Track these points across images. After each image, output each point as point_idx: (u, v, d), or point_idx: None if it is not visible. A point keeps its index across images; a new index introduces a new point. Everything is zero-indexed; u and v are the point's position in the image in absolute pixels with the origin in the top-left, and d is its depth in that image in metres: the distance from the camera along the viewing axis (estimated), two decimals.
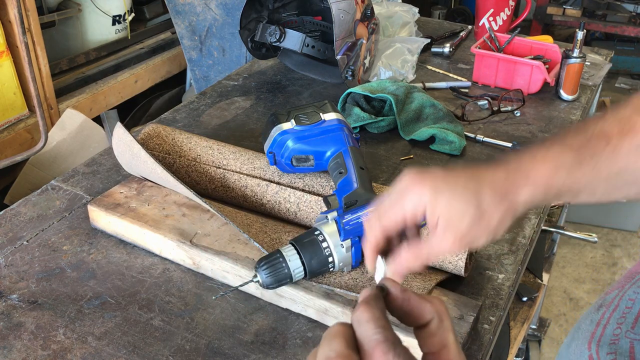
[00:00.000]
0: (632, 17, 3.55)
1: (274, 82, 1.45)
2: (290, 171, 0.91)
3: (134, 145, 0.90)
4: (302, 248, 0.76)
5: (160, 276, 0.86)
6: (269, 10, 1.42)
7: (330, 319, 0.78)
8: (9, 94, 1.84)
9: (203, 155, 0.97)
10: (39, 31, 1.90)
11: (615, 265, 2.67)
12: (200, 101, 1.35)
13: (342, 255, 0.77)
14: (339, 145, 0.88)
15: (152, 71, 2.39)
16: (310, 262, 0.76)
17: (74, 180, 1.06)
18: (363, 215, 0.77)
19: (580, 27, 1.35)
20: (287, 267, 0.75)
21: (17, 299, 0.81)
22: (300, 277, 0.77)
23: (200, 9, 2.19)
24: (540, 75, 1.39)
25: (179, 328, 0.78)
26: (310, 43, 1.34)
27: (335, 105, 0.95)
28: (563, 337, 2.30)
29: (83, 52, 2.23)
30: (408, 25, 1.62)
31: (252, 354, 0.75)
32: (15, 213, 0.98)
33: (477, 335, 0.78)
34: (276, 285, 0.76)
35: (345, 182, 0.83)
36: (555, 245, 2.09)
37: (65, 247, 0.90)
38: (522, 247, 0.94)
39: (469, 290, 0.85)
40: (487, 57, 1.43)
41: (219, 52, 2.25)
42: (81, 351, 0.74)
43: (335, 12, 1.24)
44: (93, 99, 2.14)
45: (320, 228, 0.78)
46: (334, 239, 0.77)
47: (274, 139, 0.90)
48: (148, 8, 2.53)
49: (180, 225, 0.88)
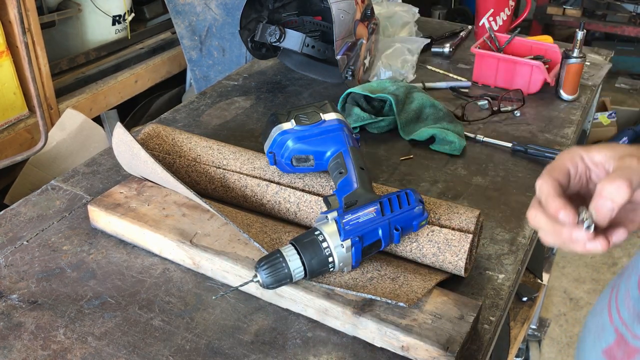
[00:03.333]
0: (632, 17, 3.55)
1: (274, 82, 1.45)
2: (290, 171, 0.91)
3: (134, 145, 0.90)
4: (302, 248, 0.76)
5: (160, 276, 0.86)
6: (269, 10, 1.42)
7: (330, 319, 0.78)
8: (9, 94, 1.84)
9: (203, 155, 0.97)
10: (38, 31, 1.90)
11: (616, 265, 2.67)
12: (200, 101, 1.35)
13: (342, 255, 0.77)
14: (339, 145, 0.88)
15: (152, 71, 2.39)
16: (311, 262, 0.76)
17: (74, 180, 1.06)
18: (363, 215, 0.77)
19: (580, 27, 1.35)
20: (287, 267, 0.75)
21: (17, 299, 0.81)
22: (301, 277, 0.77)
23: (200, 9, 2.19)
24: (540, 76, 1.39)
25: (179, 328, 0.78)
26: (310, 43, 1.34)
27: (335, 105, 0.95)
28: (563, 337, 2.30)
29: (83, 52, 2.23)
30: (408, 25, 1.62)
31: (252, 354, 0.75)
32: (15, 213, 0.98)
33: (477, 335, 0.78)
34: (276, 285, 0.76)
35: (345, 182, 0.83)
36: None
37: (65, 247, 0.90)
38: (522, 247, 0.94)
39: (469, 290, 0.85)
40: (487, 57, 1.43)
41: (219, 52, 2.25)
42: (81, 351, 0.74)
43: (335, 12, 1.24)
44: (93, 99, 2.14)
45: (320, 228, 0.78)
46: (334, 239, 0.76)
47: (274, 139, 0.90)
48: (148, 8, 2.53)
49: (180, 225, 0.88)
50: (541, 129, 1.28)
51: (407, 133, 1.21)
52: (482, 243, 0.94)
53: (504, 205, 1.03)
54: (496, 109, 1.32)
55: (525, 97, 1.37)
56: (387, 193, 0.82)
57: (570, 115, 1.34)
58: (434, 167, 1.13)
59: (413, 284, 0.79)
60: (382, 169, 1.12)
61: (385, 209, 0.78)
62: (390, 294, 0.76)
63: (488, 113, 1.32)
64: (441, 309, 0.76)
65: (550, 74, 1.40)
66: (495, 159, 1.17)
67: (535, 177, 1.13)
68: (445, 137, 1.16)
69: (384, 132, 1.23)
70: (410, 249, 0.84)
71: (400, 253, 0.85)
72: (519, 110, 1.34)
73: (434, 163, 1.14)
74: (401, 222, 0.79)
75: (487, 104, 1.34)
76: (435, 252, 0.82)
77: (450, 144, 1.16)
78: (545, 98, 1.41)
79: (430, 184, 1.08)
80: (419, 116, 1.24)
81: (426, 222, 0.81)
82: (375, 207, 0.78)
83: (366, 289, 0.77)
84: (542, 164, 1.16)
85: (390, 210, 0.78)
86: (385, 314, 0.75)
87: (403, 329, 0.73)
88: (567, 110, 1.37)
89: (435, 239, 0.82)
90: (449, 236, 0.82)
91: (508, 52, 1.48)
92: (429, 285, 0.78)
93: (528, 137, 1.25)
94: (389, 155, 1.16)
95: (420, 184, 1.08)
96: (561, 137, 1.26)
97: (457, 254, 0.81)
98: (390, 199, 0.79)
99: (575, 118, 1.34)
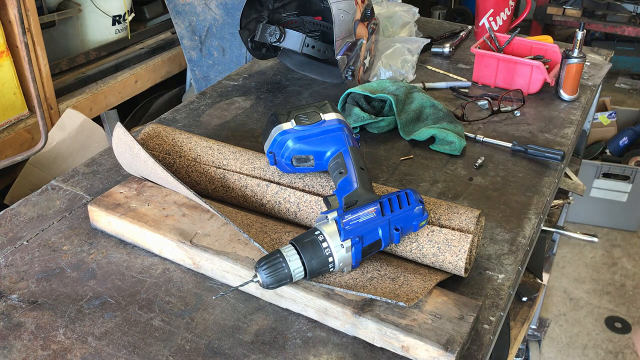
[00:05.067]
0: (632, 17, 3.55)
1: (274, 82, 1.45)
2: (290, 171, 0.91)
3: (134, 146, 0.90)
4: (302, 248, 0.76)
5: (160, 276, 0.86)
6: (269, 10, 1.42)
7: (330, 319, 0.78)
8: (9, 94, 1.84)
9: (203, 155, 0.97)
10: (39, 31, 1.90)
11: (615, 265, 2.67)
12: (200, 101, 1.35)
13: (342, 255, 0.77)
14: (339, 146, 0.88)
15: (152, 71, 2.39)
16: (311, 262, 0.76)
17: (74, 181, 1.06)
18: (363, 215, 0.77)
19: (580, 27, 1.35)
20: (287, 267, 0.75)
21: (17, 299, 0.81)
22: (301, 277, 0.77)
23: (200, 9, 2.19)
24: (540, 76, 1.39)
25: (179, 328, 0.78)
26: (310, 43, 1.34)
27: (336, 106, 0.95)
28: (563, 337, 2.30)
29: (83, 52, 2.23)
30: (408, 25, 1.62)
31: (252, 354, 0.75)
32: (15, 213, 0.98)
33: (477, 336, 0.78)
34: (276, 285, 0.76)
35: (346, 182, 0.83)
36: (555, 245, 2.09)
37: (65, 247, 0.91)
38: (522, 247, 0.94)
39: (469, 291, 0.85)
40: (487, 57, 1.43)
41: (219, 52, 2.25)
42: (81, 351, 0.74)
43: (335, 12, 1.24)
44: (93, 99, 2.14)
45: (320, 228, 0.78)
46: (334, 239, 0.76)
47: (274, 139, 0.90)
48: (148, 8, 2.54)
49: (180, 225, 0.88)
50: (541, 129, 1.28)
51: (407, 133, 1.21)
52: (482, 243, 0.94)
53: (504, 205, 1.03)
54: (496, 109, 1.32)
55: (525, 97, 1.37)
56: (387, 193, 0.82)
57: (570, 115, 1.34)
58: (433, 167, 1.13)
59: (413, 283, 0.79)
60: (382, 168, 1.12)
61: (385, 209, 0.78)
62: (390, 293, 0.76)
63: (488, 113, 1.32)
64: (441, 309, 0.76)
65: (550, 74, 1.40)
66: (495, 159, 1.17)
67: (535, 177, 1.13)
68: (445, 138, 1.16)
69: (384, 132, 1.23)
70: (410, 249, 0.84)
71: (400, 253, 0.85)
72: (519, 110, 1.34)
73: (434, 163, 1.14)
74: (401, 222, 0.79)
75: (487, 104, 1.34)
76: (435, 252, 0.82)
77: (450, 144, 1.16)
78: (545, 98, 1.41)
79: (430, 183, 1.08)
80: (419, 116, 1.24)
81: (426, 222, 0.81)
82: (376, 207, 0.78)
83: (366, 289, 0.77)
84: (541, 164, 1.16)
85: (390, 210, 0.78)
86: (385, 314, 0.75)
87: (403, 329, 0.73)
88: (567, 110, 1.37)
89: (435, 239, 0.82)
90: (449, 236, 0.82)
91: (508, 52, 1.48)
92: (429, 285, 0.78)
93: (528, 137, 1.25)
94: (389, 155, 1.16)
95: (420, 184, 1.08)
96: (561, 137, 1.26)
97: (457, 254, 0.81)
98: (390, 199, 0.79)
99: (575, 118, 1.34)
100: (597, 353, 2.25)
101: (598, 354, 2.25)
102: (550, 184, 1.10)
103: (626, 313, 2.42)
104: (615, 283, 2.57)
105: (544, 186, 1.09)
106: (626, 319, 2.39)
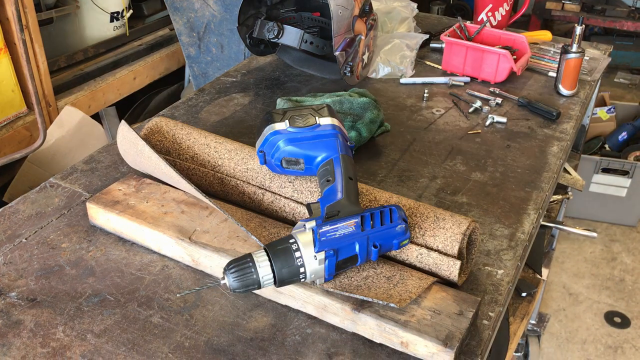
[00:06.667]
0: (631, 11, 3.54)
1: (273, 79, 1.44)
2: (279, 172, 0.89)
3: (137, 142, 0.90)
4: (274, 256, 0.73)
5: (159, 273, 0.86)
6: (267, 6, 1.42)
7: (329, 315, 0.78)
8: (7, 92, 1.83)
9: (200, 154, 0.96)
10: (36, 28, 1.90)
11: (615, 260, 2.67)
12: (199, 98, 1.35)
13: (315, 267, 0.74)
14: (330, 152, 0.85)
15: (150, 68, 2.39)
16: (281, 271, 0.73)
17: (73, 178, 1.06)
18: (342, 227, 0.75)
19: (579, 22, 1.34)
20: (256, 272, 0.73)
21: (16, 297, 0.81)
22: (269, 285, 0.74)
23: (199, 5, 2.19)
24: (507, 64, 1.40)
25: (178, 325, 0.78)
26: (309, 39, 1.34)
27: (334, 110, 0.93)
28: (562, 332, 2.31)
29: (81, 49, 2.22)
30: (407, 20, 1.62)
31: (251, 351, 0.75)
32: (14, 211, 0.98)
33: (476, 331, 0.78)
34: (243, 290, 0.73)
35: (331, 191, 0.80)
36: (555, 240, 2.09)
37: (64, 244, 0.90)
38: (521, 243, 0.94)
39: (468, 286, 0.85)
40: (456, 45, 1.45)
41: (218, 48, 2.25)
42: (80, 349, 0.74)
43: (333, 8, 1.24)
44: (91, 96, 2.14)
45: (295, 236, 0.75)
46: (308, 249, 0.74)
47: (266, 138, 0.87)
48: (146, 4, 2.53)
49: (179, 222, 0.88)
50: (540, 124, 1.28)
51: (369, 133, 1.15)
52: (482, 239, 0.94)
53: (503, 201, 1.03)
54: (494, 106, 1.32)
55: (526, 96, 1.37)
56: (371, 208, 0.79)
57: (569, 110, 1.34)
58: (432, 163, 1.13)
59: (408, 282, 0.78)
60: (380, 164, 1.12)
61: (365, 224, 0.75)
62: (384, 294, 0.75)
63: (486, 109, 1.32)
64: (440, 304, 0.76)
65: (517, 63, 1.42)
66: (494, 154, 1.17)
67: (534, 173, 1.13)
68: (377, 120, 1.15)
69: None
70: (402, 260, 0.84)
71: None
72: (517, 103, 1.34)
73: (433, 159, 1.14)
74: (380, 240, 0.76)
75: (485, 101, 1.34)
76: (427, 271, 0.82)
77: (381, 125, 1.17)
78: (544, 93, 1.41)
79: (429, 179, 1.08)
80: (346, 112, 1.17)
81: (408, 242, 0.78)
82: (356, 221, 0.75)
83: (360, 289, 0.76)
84: (541, 164, 1.15)
85: (371, 225, 0.75)
86: (384, 310, 0.75)
87: (402, 324, 0.73)
88: (566, 105, 1.37)
89: (425, 262, 0.82)
90: (438, 261, 0.81)
91: (477, 42, 1.49)
92: (425, 284, 0.78)
93: (527, 133, 1.25)
94: (388, 152, 1.16)
95: (419, 180, 1.08)
96: (560, 132, 1.26)
97: (448, 276, 0.81)
98: (372, 214, 0.76)
99: (574, 113, 1.33)
100: (597, 348, 2.25)
101: (597, 348, 2.25)
102: (549, 179, 1.10)
103: (625, 308, 2.42)
104: (615, 278, 2.57)
105: (542, 181, 1.09)
106: (625, 313, 2.40)
